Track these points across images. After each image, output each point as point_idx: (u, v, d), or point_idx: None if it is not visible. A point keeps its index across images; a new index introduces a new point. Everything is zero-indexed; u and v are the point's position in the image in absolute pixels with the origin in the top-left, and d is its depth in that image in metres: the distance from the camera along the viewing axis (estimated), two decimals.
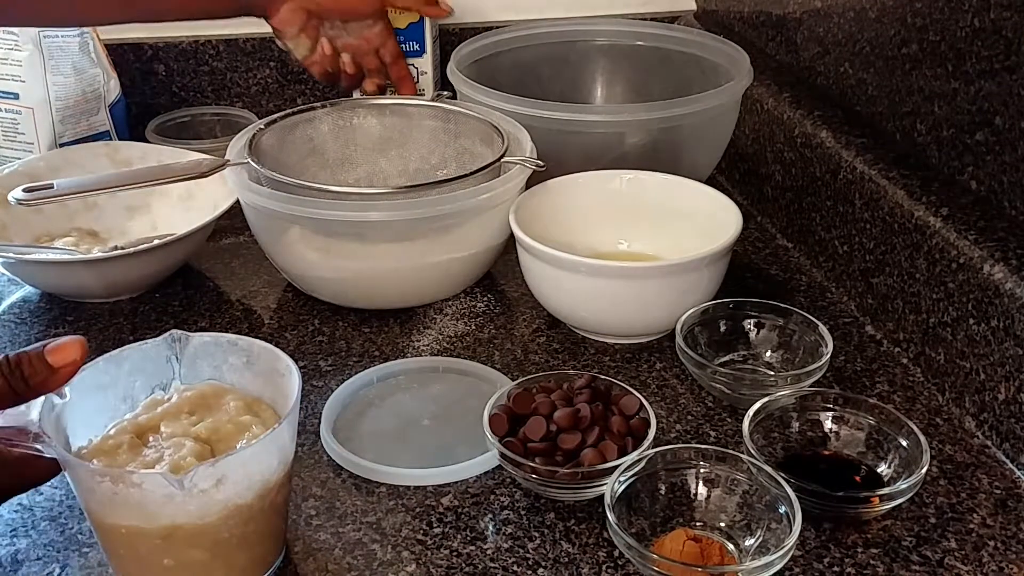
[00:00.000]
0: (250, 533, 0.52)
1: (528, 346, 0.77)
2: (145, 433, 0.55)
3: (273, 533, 0.55)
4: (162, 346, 0.57)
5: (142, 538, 0.50)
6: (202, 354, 0.58)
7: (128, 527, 0.50)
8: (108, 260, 0.79)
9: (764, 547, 0.56)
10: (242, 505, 0.51)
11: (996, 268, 0.64)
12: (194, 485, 0.48)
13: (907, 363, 0.74)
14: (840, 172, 0.81)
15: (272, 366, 0.57)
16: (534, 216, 0.79)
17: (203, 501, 0.49)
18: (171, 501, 0.48)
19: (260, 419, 0.56)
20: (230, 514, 0.50)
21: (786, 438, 0.65)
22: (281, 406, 0.56)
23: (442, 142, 0.92)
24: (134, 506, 0.49)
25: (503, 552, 0.58)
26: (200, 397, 0.57)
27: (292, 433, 0.54)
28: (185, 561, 0.51)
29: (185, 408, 0.56)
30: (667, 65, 1.03)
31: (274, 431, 0.51)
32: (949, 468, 0.64)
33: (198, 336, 0.58)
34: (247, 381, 0.58)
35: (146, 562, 0.52)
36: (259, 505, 0.52)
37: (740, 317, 0.75)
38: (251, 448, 0.51)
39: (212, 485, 0.49)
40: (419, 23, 1.04)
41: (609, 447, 0.61)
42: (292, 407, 0.53)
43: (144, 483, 0.48)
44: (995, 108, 0.67)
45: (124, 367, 0.56)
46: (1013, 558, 0.57)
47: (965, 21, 0.69)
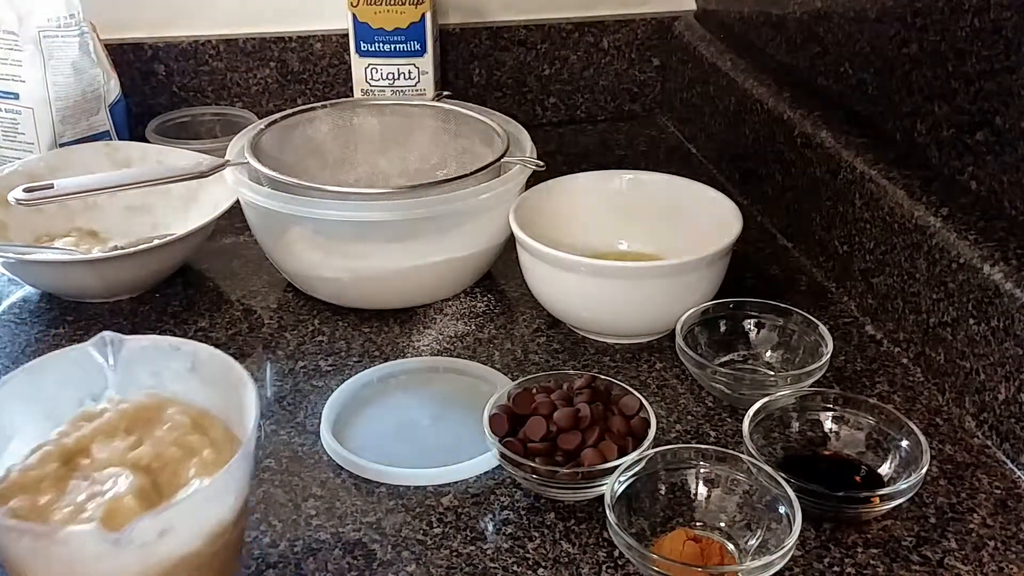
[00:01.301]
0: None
1: (528, 346, 0.77)
2: (74, 458, 0.48)
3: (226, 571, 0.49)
4: (91, 352, 0.50)
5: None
6: (139, 359, 0.51)
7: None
8: (108, 260, 0.79)
9: (764, 547, 0.56)
10: (190, 554, 0.43)
11: (996, 268, 0.64)
12: (132, 541, 0.41)
13: (907, 363, 0.74)
14: (840, 172, 0.81)
15: (223, 376, 0.50)
16: (534, 216, 0.79)
17: (143, 555, 0.42)
18: (105, 558, 0.41)
19: (209, 438, 0.49)
20: (175, 566, 0.43)
21: (786, 438, 0.65)
22: (234, 421, 0.49)
23: (442, 142, 0.92)
24: (63, 564, 0.42)
25: (503, 552, 0.58)
26: (137, 411, 0.50)
27: (251, 463, 0.47)
28: None
29: (121, 425, 0.49)
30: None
31: (230, 468, 0.43)
32: (949, 468, 0.64)
33: (134, 339, 0.51)
34: (192, 390, 0.51)
35: None
36: (210, 551, 0.44)
37: (740, 317, 0.75)
38: (203, 492, 0.44)
39: (155, 537, 0.42)
40: (420, 22, 1.04)
41: (609, 447, 0.61)
42: (251, 433, 0.45)
43: (71, 541, 0.41)
44: (995, 108, 0.67)
45: (48, 378, 0.50)
46: (1013, 558, 0.57)
47: (965, 21, 0.69)
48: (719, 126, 1.06)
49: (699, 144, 1.13)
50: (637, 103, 1.24)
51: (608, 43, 1.19)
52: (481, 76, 1.18)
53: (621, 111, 1.23)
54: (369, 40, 1.06)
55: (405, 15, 1.03)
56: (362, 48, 1.06)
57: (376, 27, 1.05)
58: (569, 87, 1.21)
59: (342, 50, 1.13)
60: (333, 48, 1.14)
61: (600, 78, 1.21)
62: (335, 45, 1.14)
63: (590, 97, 1.22)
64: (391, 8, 1.04)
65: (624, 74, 1.22)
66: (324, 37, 1.13)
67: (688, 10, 1.21)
